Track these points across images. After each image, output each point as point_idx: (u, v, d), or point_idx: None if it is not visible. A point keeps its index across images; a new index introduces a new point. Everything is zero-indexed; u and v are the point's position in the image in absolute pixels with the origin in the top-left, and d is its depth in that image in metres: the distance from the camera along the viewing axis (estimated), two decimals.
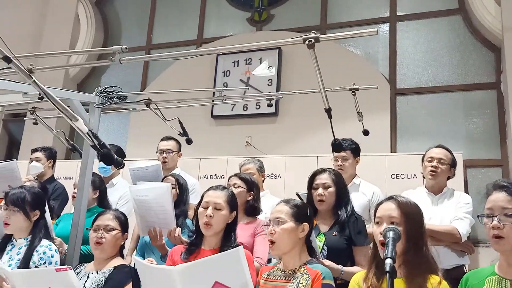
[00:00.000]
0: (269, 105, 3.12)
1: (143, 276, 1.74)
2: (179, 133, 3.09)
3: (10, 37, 5.84)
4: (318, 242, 2.30)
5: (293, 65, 5.25)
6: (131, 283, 1.99)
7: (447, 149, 2.80)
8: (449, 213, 2.65)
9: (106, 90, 2.73)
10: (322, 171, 2.47)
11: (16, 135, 6.23)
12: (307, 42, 1.66)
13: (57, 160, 4.03)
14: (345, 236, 2.31)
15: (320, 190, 2.38)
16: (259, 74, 5.34)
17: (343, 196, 2.41)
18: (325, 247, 2.29)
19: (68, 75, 6.19)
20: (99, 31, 6.48)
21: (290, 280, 1.86)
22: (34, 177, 3.71)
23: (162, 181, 2.81)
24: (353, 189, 3.02)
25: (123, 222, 2.23)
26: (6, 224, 2.32)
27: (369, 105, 4.77)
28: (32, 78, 1.32)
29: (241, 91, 4.35)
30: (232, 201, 2.12)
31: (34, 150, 3.90)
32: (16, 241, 2.35)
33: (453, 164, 2.77)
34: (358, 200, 2.88)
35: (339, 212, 2.36)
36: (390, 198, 1.75)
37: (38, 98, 2.01)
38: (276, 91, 5.05)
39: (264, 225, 2.13)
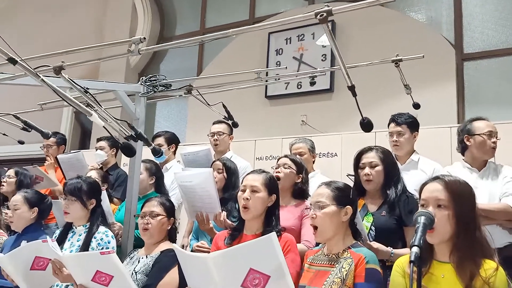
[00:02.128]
0: (312, 83, 2.98)
1: (183, 263, 1.76)
2: (224, 117, 3.09)
3: (75, 35, 6.20)
4: (366, 223, 2.20)
5: (347, 37, 5.01)
6: (176, 266, 2.03)
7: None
8: (496, 189, 2.42)
9: (151, 79, 2.78)
10: (368, 149, 2.34)
11: (87, 125, 6.63)
12: (318, 16, 1.54)
13: None
14: (395, 216, 2.18)
15: (366, 170, 2.27)
16: (322, 43, 5.14)
17: (392, 174, 2.27)
18: (372, 228, 2.18)
19: (129, 65, 6.45)
20: (156, 20, 6.64)
21: (333, 264, 1.80)
22: (98, 165, 3.93)
23: (211, 166, 2.82)
24: (411, 166, 2.85)
25: (168, 208, 2.27)
26: (66, 213, 2.46)
27: (432, 73, 4.48)
28: (40, 77, 1.35)
29: (291, 70, 4.23)
30: (270, 184, 2.08)
31: (98, 139, 4.09)
32: (76, 228, 2.49)
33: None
34: (417, 178, 2.68)
35: (388, 192, 2.23)
36: (436, 178, 1.60)
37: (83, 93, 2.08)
38: (331, 66, 4.88)
39: (306, 208, 2.07)
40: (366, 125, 2.19)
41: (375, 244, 2.04)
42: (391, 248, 2.06)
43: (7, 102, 4.56)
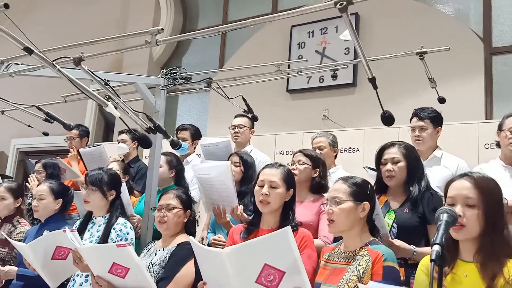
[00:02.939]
0: (334, 76, 2.93)
1: (199, 257, 1.76)
2: (244, 110, 3.07)
3: (98, 28, 6.30)
4: (388, 220, 2.15)
5: (371, 30, 4.92)
6: (193, 259, 2.03)
7: None
8: None
9: (171, 71, 2.78)
10: (391, 144, 2.28)
11: (110, 118, 6.73)
12: (338, 5, 1.49)
13: None
14: (418, 214, 2.13)
15: (388, 166, 2.21)
16: (344, 37, 5.05)
17: (415, 171, 2.21)
18: (394, 225, 2.13)
19: (152, 59, 6.50)
20: (178, 13, 6.66)
21: (350, 262, 1.76)
22: (120, 157, 3.98)
23: (228, 159, 2.82)
24: (433, 162, 2.78)
25: (185, 200, 2.28)
26: (86, 201, 2.50)
27: (459, 67, 4.35)
28: (56, 67, 1.36)
29: (313, 64, 4.18)
30: (288, 179, 2.06)
31: (120, 132, 4.15)
32: (95, 219, 2.53)
33: None
34: (440, 174, 2.63)
35: (411, 188, 2.17)
36: (464, 175, 1.55)
37: (102, 85, 2.10)
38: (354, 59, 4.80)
39: (323, 204, 2.04)
40: (387, 119, 2.14)
41: (397, 242, 2.00)
42: (414, 246, 2.01)
43: (32, 94, 4.66)
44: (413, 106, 2.97)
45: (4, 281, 2.54)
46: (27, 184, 3.70)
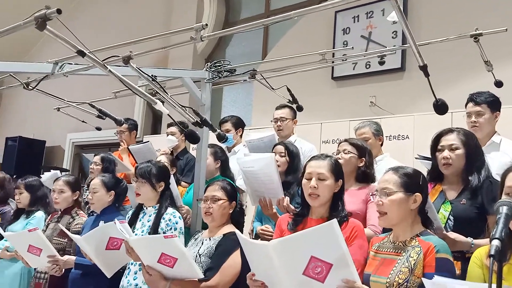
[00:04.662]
0: (381, 62, 2.83)
1: (245, 249, 1.77)
2: (288, 100, 3.05)
3: (144, 23, 6.43)
4: (444, 211, 2.06)
5: (420, 13, 4.71)
6: (239, 250, 2.05)
7: None
8: None
9: (216, 64, 2.81)
10: (448, 131, 2.17)
11: (158, 111, 6.88)
12: None
13: None
14: (476, 204, 2.02)
15: (445, 152, 2.10)
16: (392, 19, 4.89)
17: (475, 159, 2.10)
18: (451, 217, 2.04)
19: (196, 52, 6.58)
20: (221, 5, 6.69)
21: (400, 253, 1.71)
22: (169, 150, 4.08)
23: (272, 149, 2.81)
24: (492, 148, 2.64)
25: (230, 191, 2.29)
26: (137, 194, 2.59)
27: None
28: (107, 68, 1.40)
29: (358, 49, 4.06)
30: (336, 170, 2.02)
31: (169, 125, 4.25)
32: (146, 209, 2.61)
33: None
34: (499, 160, 2.49)
35: (470, 177, 2.06)
36: None
37: (150, 81, 2.15)
38: (402, 44, 4.63)
39: (371, 195, 1.99)
40: (440, 107, 2.04)
41: (452, 235, 1.91)
42: (471, 239, 1.92)
43: (85, 92, 4.87)
44: (467, 91, 2.83)
45: (64, 269, 2.68)
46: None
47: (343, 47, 5.00)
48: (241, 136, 3.83)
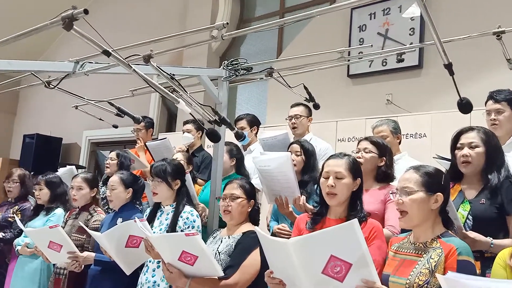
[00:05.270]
0: (400, 60, 2.79)
1: (264, 246, 1.78)
2: (305, 98, 3.04)
3: (160, 20, 6.44)
4: (462, 211, 2.04)
5: (438, 9, 4.64)
6: (258, 248, 2.05)
7: None
8: None
9: (233, 63, 2.81)
10: (469, 129, 2.15)
11: (173, 109, 6.94)
12: None
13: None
14: (496, 204, 1.99)
15: (465, 150, 2.08)
16: (409, 15, 4.83)
17: (495, 158, 2.07)
18: (470, 217, 2.01)
19: (211, 49, 6.59)
20: (236, 2, 6.68)
21: (420, 254, 1.70)
22: (185, 147, 4.10)
23: (288, 148, 2.81)
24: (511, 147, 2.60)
25: (248, 190, 2.29)
26: (154, 193, 2.61)
27: None
28: (132, 67, 1.41)
29: (375, 46, 4.03)
30: (354, 168, 2.00)
31: (185, 122, 4.27)
32: (164, 207, 2.63)
33: None
34: None
35: (489, 176, 2.03)
36: None
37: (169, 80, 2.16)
38: (420, 41, 4.57)
39: (391, 193, 1.97)
40: (465, 106, 2.01)
41: (472, 234, 1.89)
42: (491, 239, 1.90)
43: (100, 90, 4.91)
44: (486, 89, 2.79)
45: (83, 266, 2.71)
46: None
47: (359, 44, 4.96)
48: (256, 134, 3.83)
